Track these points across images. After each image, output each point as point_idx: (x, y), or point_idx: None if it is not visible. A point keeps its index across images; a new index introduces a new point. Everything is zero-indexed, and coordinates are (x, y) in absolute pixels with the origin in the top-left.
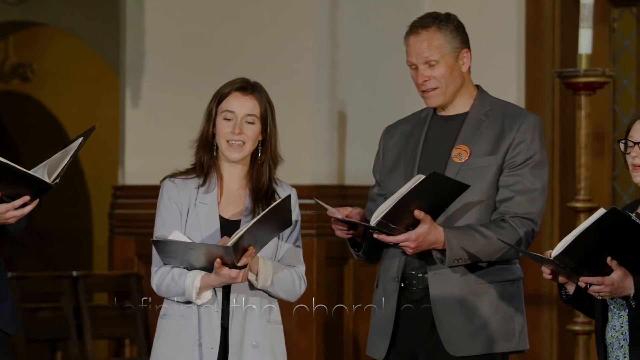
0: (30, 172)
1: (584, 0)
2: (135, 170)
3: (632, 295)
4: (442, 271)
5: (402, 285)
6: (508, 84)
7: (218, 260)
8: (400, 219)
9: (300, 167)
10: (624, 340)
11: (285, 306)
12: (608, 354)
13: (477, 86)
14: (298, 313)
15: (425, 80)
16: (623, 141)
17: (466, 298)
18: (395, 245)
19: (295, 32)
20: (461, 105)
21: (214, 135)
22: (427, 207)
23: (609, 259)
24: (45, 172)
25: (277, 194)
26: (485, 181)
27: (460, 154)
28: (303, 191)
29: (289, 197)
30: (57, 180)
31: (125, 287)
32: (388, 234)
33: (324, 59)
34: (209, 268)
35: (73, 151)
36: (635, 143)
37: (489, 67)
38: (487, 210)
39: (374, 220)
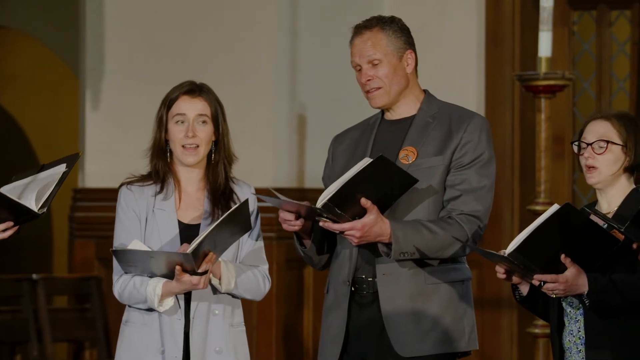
0: (20, 201)
1: (544, 4)
2: (95, 173)
3: (585, 293)
4: (391, 272)
5: (353, 289)
6: (468, 87)
7: (178, 267)
8: (347, 205)
9: (259, 170)
10: (581, 344)
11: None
12: (566, 358)
13: (425, 90)
14: (258, 315)
15: (369, 80)
16: (576, 142)
17: (415, 299)
18: (341, 233)
19: (255, 35)
20: (408, 108)
21: (167, 141)
22: (375, 197)
23: (562, 256)
24: (34, 200)
25: (235, 194)
26: (432, 181)
27: (407, 155)
28: (263, 194)
29: (246, 201)
30: (44, 210)
31: (85, 289)
32: (334, 222)
33: (283, 62)
34: (170, 275)
35: (58, 179)
36: (588, 144)
37: (449, 70)
38: (435, 211)
39: (320, 202)
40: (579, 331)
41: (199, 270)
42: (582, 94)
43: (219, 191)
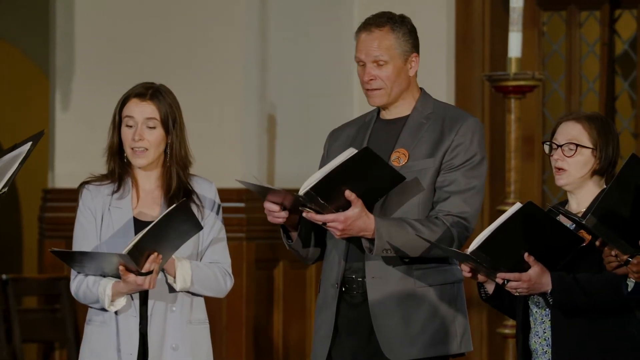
0: None
1: (514, 4)
2: (65, 174)
3: (549, 291)
4: (381, 275)
5: (343, 289)
6: (438, 87)
7: (122, 267)
8: (330, 196)
9: (229, 170)
10: (547, 345)
11: (215, 307)
12: (533, 359)
13: (421, 89)
14: (228, 315)
15: (371, 79)
16: (548, 143)
17: (404, 302)
18: (324, 225)
19: (225, 35)
20: (404, 108)
21: (120, 142)
22: (360, 191)
23: (525, 254)
24: None
25: (195, 194)
26: (423, 183)
27: (399, 157)
28: (232, 194)
29: (185, 201)
30: (5, 189)
31: (55, 290)
32: (317, 212)
33: (253, 63)
34: (119, 275)
35: (21, 158)
36: (558, 146)
37: (418, 71)
38: (425, 212)
39: (302, 190)
40: (545, 332)
41: (142, 271)
42: (551, 95)
43: (172, 193)
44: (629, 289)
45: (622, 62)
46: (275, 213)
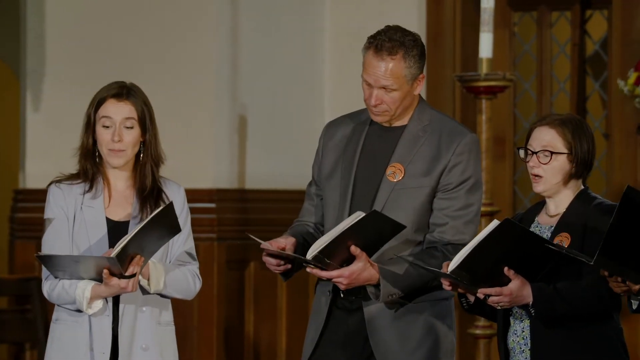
0: None
1: (485, 5)
2: (36, 174)
3: (531, 303)
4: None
5: (341, 296)
6: None
7: (106, 271)
8: (335, 254)
9: (200, 171)
10: (525, 345)
11: (186, 308)
12: (510, 358)
13: (419, 97)
14: (199, 316)
15: (378, 104)
16: (522, 148)
17: (401, 317)
18: (329, 280)
19: (196, 35)
20: (402, 117)
21: (95, 142)
22: (364, 244)
23: (506, 269)
24: None
25: (164, 193)
26: (417, 202)
27: (394, 172)
28: (204, 195)
29: (171, 204)
30: None
31: (26, 291)
32: (322, 269)
33: (224, 63)
34: (99, 278)
35: None
36: (533, 152)
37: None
38: (418, 230)
39: (310, 254)
40: (523, 331)
41: (127, 274)
42: (523, 95)
43: (147, 191)
44: (634, 307)
45: (593, 63)
46: (273, 266)
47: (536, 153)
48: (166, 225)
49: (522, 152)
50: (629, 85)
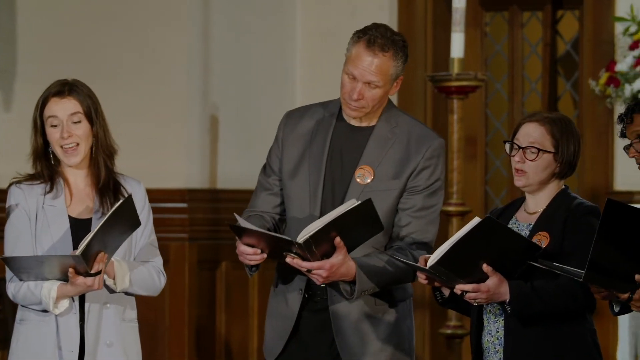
0: None
1: (456, 5)
2: (8, 174)
3: (507, 300)
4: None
5: (307, 295)
6: None
7: (71, 270)
8: (321, 243)
9: (172, 171)
10: (499, 345)
11: (158, 308)
12: (484, 358)
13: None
14: (171, 315)
15: (359, 99)
16: (509, 142)
17: (366, 319)
18: (308, 272)
19: (168, 36)
20: (370, 118)
21: (46, 143)
22: (346, 238)
23: (484, 265)
24: None
25: (123, 187)
26: (386, 205)
27: (363, 175)
28: (175, 194)
29: (130, 197)
30: None
31: None
32: (303, 259)
33: (196, 63)
34: (64, 278)
35: None
36: (520, 147)
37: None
38: (385, 233)
39: (301, 238)
40: (497, 331)
41: (92, 271)
42: (494, 95)
43: (105, 184)
44: (616, 310)
45: (564, 63)
46: (249, 255)
47: (523, 148)
48: (127, 218)
49: (507, 146)
50: (600, 85)
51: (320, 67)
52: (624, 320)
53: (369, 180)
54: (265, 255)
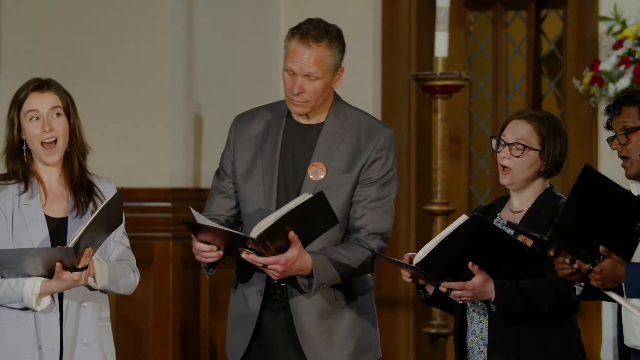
0: None
1: (440, 4)
2: None
3: (492, 299)
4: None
5: (267, 295)
6: (364, 87)
7: (59, 264)
8: (276, 238)
9: (156, 170)
10: (484, 345)
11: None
12: (468, 358)
13: (334, 93)
14: (154, 315)
15: (301, 93)
16: (496, 138)
17: (327, 315)
18: (264, 267)
19: (152, 35)
20: (319, 114)
21: (21, 141)
22: (301, 232)
23: (470, 263)
24: None
25: (96, 186)
26: (341, 200)
27: (316, 171)
28: (159, 194)
29: (120, 192)
30: None
31: None
32: (258, 254)
33: (180, 62)
34: (47, 275)
35: None
36: (506, 143)
37: (345, 70)
38: (342, 227)
39: (254, 233)
40: (482, 331)
41: (79, 266)
42: (478, 94)
43: (78, 183)
44: (577, 293)
45: (548, 62)
46: (205, 253)
47: (509, 145)
48: (113, 215)
49: (494, 142)
50: (584, 84)
51: None
52: (608, 320)
53: (322, 177)
54: (221, 253)
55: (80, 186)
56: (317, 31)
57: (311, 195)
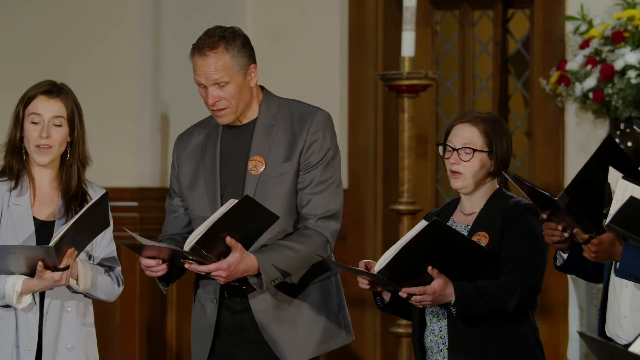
0: None
1: (407, 3)
2: None
3: (452, 302)
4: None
5: (225, 296)
6: (331, 86)
7: (40, 263)
8: (213, 246)
9: (123, 170)
10: (443, 344)
11: (109, 307)
12: (427, 357)
13: (262, 88)
14: (121, 315)
15: (216, 101)
16: (442, 145)
17: (287, 307)
18: (207, 274)
19: (118, 35)
20: (250, 113)
21: (22, 138)
22: (240, 235)
23: (429, 268)
24: None
25: (89, 195)
26: (284, 189)
27: (256, 165)
28: (126, 194)
29: (105, 195)
30: None
31: None
32: (200, 263)
33: (147, 62)
34: (29, 273)
35: None
36: (454, 149)
37: (311, 70)
38: (291, 217)
39: (187, 246)
40: (441, 330)
41: (61, 266)
42: (445, 94)
43: (72, 192)
44: (558, 263)
45: (515, 62)
46: (153, 267)
47: (457, 150)
48: (98, 218)
49: (440, 149)
50: (550, 84)
51: (269, 66)
52: (574, 320)
53: (262, 170)
54: (165, 267)
55: (75, 197)
56: (211, 39)
57: (237, 201)
